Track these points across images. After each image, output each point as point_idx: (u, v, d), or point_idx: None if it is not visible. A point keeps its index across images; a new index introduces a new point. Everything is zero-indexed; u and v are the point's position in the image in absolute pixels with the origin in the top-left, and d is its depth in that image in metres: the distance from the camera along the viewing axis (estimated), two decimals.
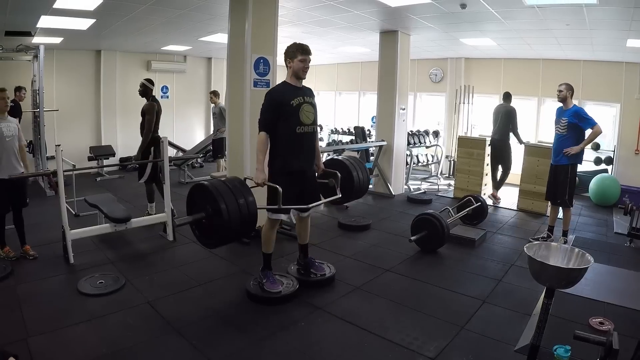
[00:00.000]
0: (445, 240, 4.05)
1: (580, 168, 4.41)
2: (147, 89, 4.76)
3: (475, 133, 8.44)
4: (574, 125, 4.08)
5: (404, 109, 6.94)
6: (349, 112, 10.93)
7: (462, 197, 5.33)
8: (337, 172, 3.17)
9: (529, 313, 2.82)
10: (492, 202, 6.24)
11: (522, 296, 3.13)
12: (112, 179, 7.57)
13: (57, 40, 6.76)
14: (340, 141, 9.42)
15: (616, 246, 4.52)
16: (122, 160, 8.13)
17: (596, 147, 7.06)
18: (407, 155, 7.33)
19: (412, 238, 4.03)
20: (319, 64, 10.39)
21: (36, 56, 6.25)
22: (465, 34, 6.36)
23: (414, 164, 7.72)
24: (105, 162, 7.83)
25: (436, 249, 4.07)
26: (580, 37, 5.63)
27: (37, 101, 6.32)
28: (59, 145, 3.49)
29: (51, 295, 2.97)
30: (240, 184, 2.70)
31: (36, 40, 6.26)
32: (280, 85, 2.98)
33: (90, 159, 7.76)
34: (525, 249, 2.01)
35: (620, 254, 4.24)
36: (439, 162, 8.40)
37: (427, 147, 8.21)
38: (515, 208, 6.04)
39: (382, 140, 6.82)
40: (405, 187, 7.23)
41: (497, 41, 6.60)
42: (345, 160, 3.59)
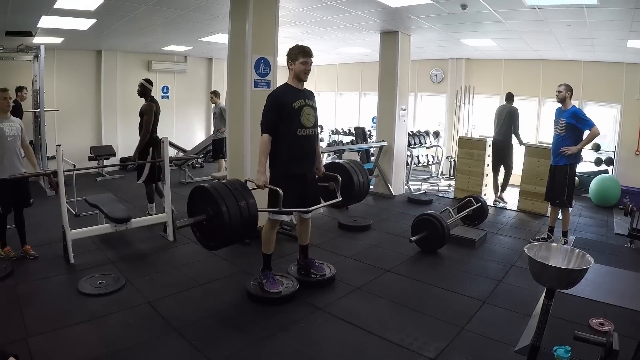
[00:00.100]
0: (446, 241, 4.05)
1: (580, 169, 4.42)
2: (145, 89, 4.75)
3: (475, 134, 8.44)
4: (572, 126, 4.08)
5: (404, 110, 6.94)
6: (350, 112, 10.93)
7: (462, 198, 5.33)
8: (337, 175, 3.17)
9: (529, 314, 2.82)
10: (500, 203, 6.26)
11: (522, 297, 3.13)
12: (113, 179, 7.58)
13: (58, 40, 6.77)
14: (341, 142, 9.42)
15: (616, 247, 4.52)
16: (122, 160, 8.13)
17: (596, 147, 7.06)
18: (407, 155, 7.33)
19: (413, 238, 4.03)
20: (319, 64, 10.38)
21: (37, 56, 6.26)
22: (466, 35, 6.37)
23: (414, 164, 7.72)
24: (106, 162, 7.84)
25: (436, 249, 4.07)
26: (580, 38, 5.63)
27: (38, 101, 6.32)
28: (59, 145, 3.49)
29: (51, 295, 2.97)
30: (241, 186, 2.71)
31: (37, 40, 6.27)
32: (282, 87, 2.97)
33: (90, 159, 7.77)
34: (525, 249, 2.01)
35: (620, 255, 4.24)
36: (439, 163, 8.40)
37: (427, 148, 8.21)
38: (515, 209, 6.04)
39: (383, 141, 6.82)
40: (406, 187, 7.23)
41: (497, 42, 6.61)
42: (345, 163, 3.60)
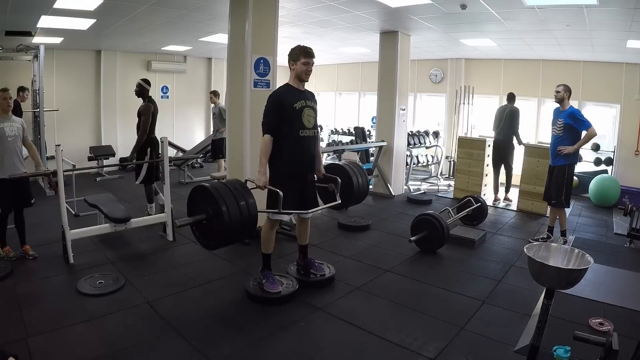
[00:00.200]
0: (445, 241, 4.05)
1: (580, 169, 4.42)
2: (143, 89, 4.75)
3: (475, 134, 8.44)
4: (570, 127, 4.09)
5: (404, 110, 6.94)
6: (349, 112, 10.93)
7: (462, 198, 5.33)
8: (337, 177, 3.16)
9: (529, 314, 2.82)
10: (500, 202, 6.28)
11: (521, 297, 3.13)
12: (112, 179, 7.57)
13: (57, 40, 6.76)
14: (340, 141, 9.43)
15: (616, 247, 4.52)
16: (122, 160, 8.11)
17: (596, 147, 7.06)
18: (407, 155, 7.33)
19: (412, 238, 4.03)
20: (319, 64, 10.27)
21: (36, 56, 6.26)
22: (466, 35, 6.37)
23: (413, 164, 7.72)
24: (105, 162, 7.83)
25: (436, 249, 4.07)
26: (580, 38, 5.63)
27: (37, 101, 6.32)
28: (59, 145, 3.48)
29: (51, 295, 2.97)
30: (241, 186, 2.71)
31: (36, 40, 6.26)
32: (283, 88, 2.97)
33: (90, 159, 7.76)
34: (525, 249, 2.01)
35: (620, 255, 4.24)
36: (439, 163, 8.40)
37: (427, 148, 8.21)
38: (515, 209, 6.05)
39: (382, 141, 6.82)
40: (405, 187, 7.23)
41: (497, 42, 6.61)
42: (345, 165, 3.60)
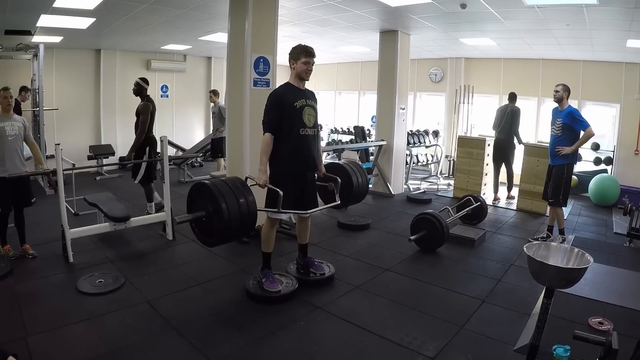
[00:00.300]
0: (445, 240, 4.05)
1: (579, 168, 4.42)
2: (141, 88, 4.74)
3: (475, 133, 8.44)
4: (568, 127, 4.09)
5: (403, 109, 6.94)
6: (349, 111, 10.92)
7: (461, 197, 5.33)
8: (337, 177, 3.16)
9: (529, 313, 2.83)
10: (499, 202, 6.28)
11: (521, 296, 3.14)
12: (112, 178, 7.57)
13: (57, 39, 6.75)
14: (340, 141, 9.42)
15: (615, 246, 4.52)
16: (121, 159, 8.11)
17: (596, 147, 7.06)
18: (406, 154, 7.33)
19: (412, 237, 4.03)
20: (319, 63, 10.25)
21: (36, 55, 6.24)
22: (465, 34, 6.36)
23: (413, 163, 7.72)
24: (105, 161, 7.83)
25: (435, 248, 4.07)
26: (580, 38, 5.63)
27: (37, 100, 6.31)
28: (58, 144, 3.48)
29: (50, 294, 2.97)
30: (240, 184, 2.71)
31: (36, 39, 6.26)
32: (284, 87, 2.97)
33: (89, 158, 7.77)
34: (524, 248, 2.00)
35: (619, 254, 4.25)
36: (438, 162, 8.40)
37: (426, 147, 8.21)
38: (514, 208, 6.05)
39: (382, 140, 6.82)
40: (405, 186, 7.23)
41: (497, 41, 6.60)
42: (345, 165, 3.60)
